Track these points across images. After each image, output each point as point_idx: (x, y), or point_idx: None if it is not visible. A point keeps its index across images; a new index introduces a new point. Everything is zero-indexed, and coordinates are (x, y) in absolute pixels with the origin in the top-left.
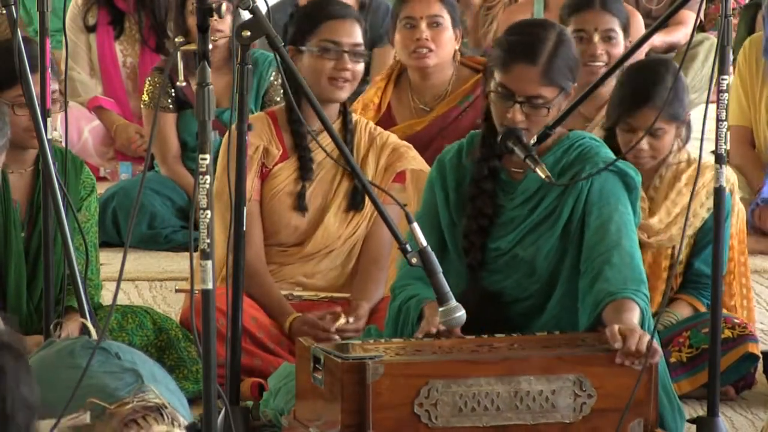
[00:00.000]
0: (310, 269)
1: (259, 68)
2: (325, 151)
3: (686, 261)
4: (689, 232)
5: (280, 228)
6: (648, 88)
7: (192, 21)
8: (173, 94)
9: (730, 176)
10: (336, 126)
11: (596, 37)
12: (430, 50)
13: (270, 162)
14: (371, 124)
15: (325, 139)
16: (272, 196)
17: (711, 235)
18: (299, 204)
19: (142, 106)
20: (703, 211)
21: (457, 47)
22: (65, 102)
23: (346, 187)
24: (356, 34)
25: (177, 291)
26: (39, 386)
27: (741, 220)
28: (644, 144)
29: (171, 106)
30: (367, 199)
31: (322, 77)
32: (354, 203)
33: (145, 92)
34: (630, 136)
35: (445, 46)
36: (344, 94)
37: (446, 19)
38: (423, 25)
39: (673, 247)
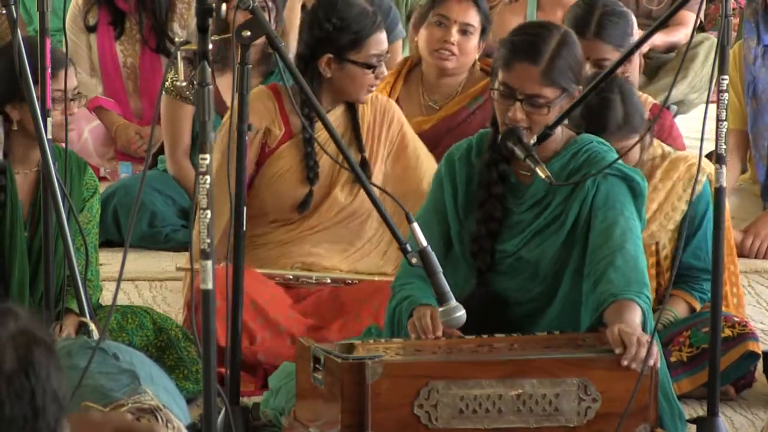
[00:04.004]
0: (311, 247)
1: None
2: (331, 157)
3: (672, 255)
4: (670, 226)
5: (284, 206)
6: (601, 114)
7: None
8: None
9: (706, 166)
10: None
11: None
12: (453, 54)
13: (272, 142)
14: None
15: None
16: (278, 177)
17: (693, 227)
18: (302, 204)
19: (164, 93)
20: (681, 203)
21: (476, 56)
22: (65, 102)
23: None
24: (386, 40)
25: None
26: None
27: (725, 209)
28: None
29: (192, 98)
30: (370, 172)
31: (364, 87)
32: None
33: (169, 79)
34: None
35: (469, 54)
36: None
37: (477, 29)
38: (454, 29)
39: (657, 244)
